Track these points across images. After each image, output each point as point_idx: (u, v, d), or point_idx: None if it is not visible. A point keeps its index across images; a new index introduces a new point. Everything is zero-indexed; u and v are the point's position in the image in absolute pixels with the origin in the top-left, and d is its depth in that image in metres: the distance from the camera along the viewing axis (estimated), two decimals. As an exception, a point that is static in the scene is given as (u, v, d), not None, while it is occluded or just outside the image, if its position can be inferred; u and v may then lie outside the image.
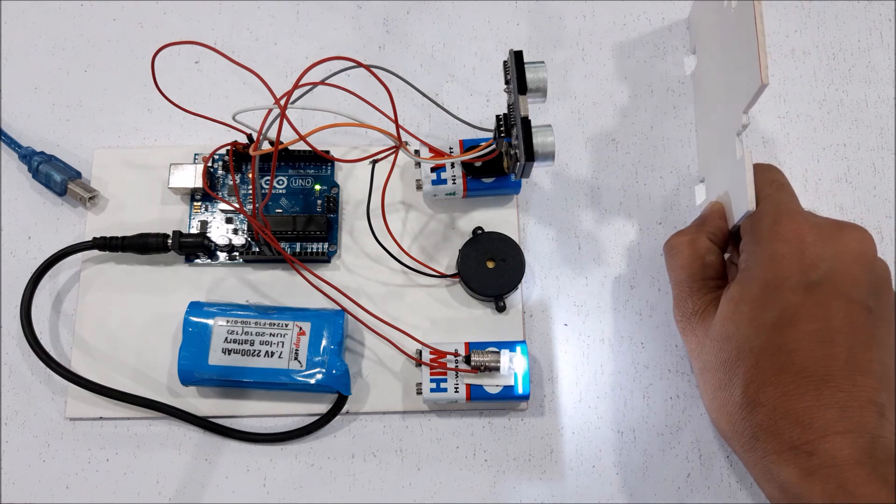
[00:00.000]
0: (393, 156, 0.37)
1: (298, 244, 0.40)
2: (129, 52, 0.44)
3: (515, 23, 0.44)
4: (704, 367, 0.34)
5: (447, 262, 0.40)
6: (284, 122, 0.33)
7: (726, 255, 0.36)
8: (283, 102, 0.32)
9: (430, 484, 0.37)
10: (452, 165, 0.39)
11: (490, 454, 0.38)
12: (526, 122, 0.34)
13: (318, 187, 0.41)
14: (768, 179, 0.33)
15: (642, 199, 0.41)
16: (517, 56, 0.35)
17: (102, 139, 0.42)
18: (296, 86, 0.33)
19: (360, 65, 0.34)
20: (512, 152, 0.35)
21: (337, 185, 0.41)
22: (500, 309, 0.39)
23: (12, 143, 0.42)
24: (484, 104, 0.43)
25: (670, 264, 0.36)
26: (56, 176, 0.40)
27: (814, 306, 0.30)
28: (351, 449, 0.38)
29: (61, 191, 0.40)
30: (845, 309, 0.30)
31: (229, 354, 0.36)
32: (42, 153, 0.41)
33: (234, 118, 0.34)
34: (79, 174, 0.41)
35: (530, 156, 0.33)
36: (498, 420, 0.38)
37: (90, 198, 0.40)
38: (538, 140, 0.34)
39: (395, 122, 0.35)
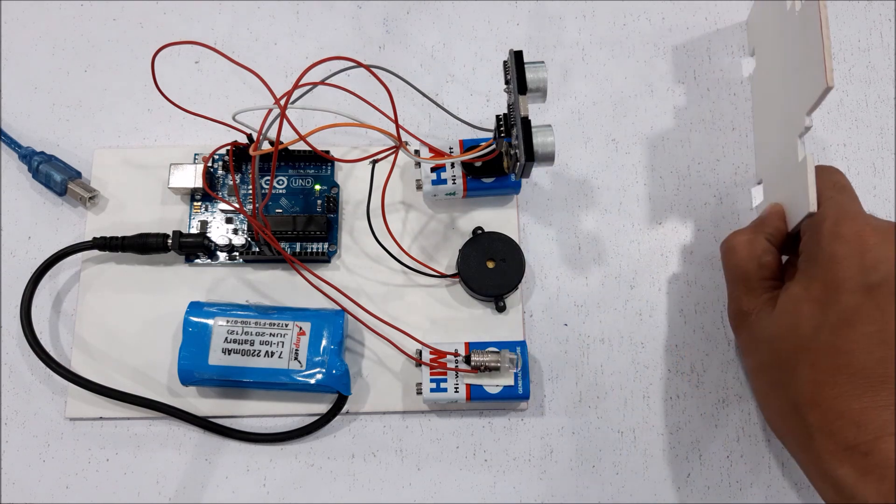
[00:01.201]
0: (393, 156, 0.37)
1: (298, 244, 0.40)
2: (129, 52, 0.44)
3: (515, 23, 0.44)
4: (759, 366, 0.34)
5: (447, 262, 0.40)
6: (284, 122, 0.33)
7: (784, 258, 0.36)
8: (283, 102, 0.32)
9: (430, 484, 0.37)
10: (452, 165, 0.39)
11: (490, 454, 0.38)
12: (526, 122, 0.34)
13: (318, 187, 0.41)
14: (830, 182, 0.34)
15: (642, 199, 0.41)
16: (517, 56, 0.35)
17: (102, 139, 0.42)
18: (296, 86, 0.33)
19: (360, 65, 0.34)
20: (512, 152, 0.35)
21: (337, 185, 0.41)
22: (500, 309, 0.39)
23: (12, 143, 0.42)
24: (484, 104, 0.43)
25: (727, 263, 0.36)
26: (56, 176, 0.40)
27: (873, 308, 0.31)
28: (351, 449, 0.38)
29: (61, 191, 0.40)
30: None
31: (229, 354, 0.36)
32: (42, 153, 0.41)
33: (234, 118, 0.34)
34: (79, 174, 0.41)
35: (530, 156, 0.33)
36: (498, 420, 0.38)
37: (90, 198, 0.40)
38: (538, 140, 0.34)
39: (395, 122, 0.35)
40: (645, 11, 0.45)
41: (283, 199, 0.40)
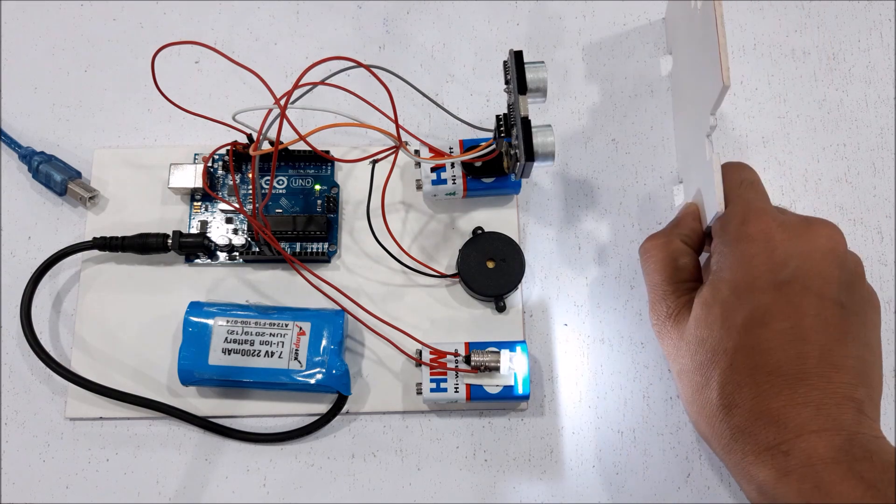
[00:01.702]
0: (393, 156, 0.37)
1: (298, 244, 0.40)
2: (129, 52, 0.44)
3: (515, 23, 0.44)
4: (681, 370, 0.34)
5: (447, 262, 0.40)
6: (285, 122, 0.33)
7: (702, 257, 0.36)
8: (282, 102, 0.32)
9: (430, 484, 0.37)
10: (452, 165, 0.39)
11: (490, 454, 0.38)
12: (526, 122, 0.34)
13: (318, 187, 0.41)
14: (737, 179, 0.33)
15: (642, 199, 0.41)
16: (517, 56, 0.35)
17: (102, 139, 0.42)
18: (296, 86, 0.33)
19: (360, 65, 0.34)
20: (512, 152, 0.35)
21: (337, 185, 0.41)
22: (500, 309, 0.39)
23: (12, 143, 0.42)
24: (484, 104, 0.43)
25: (645, 267, 0.36)
26: (56, 176, 0.40)
27: (785, 305, 0.30)
28: (351, 449, 0.38)
29: (61, 191, 0.40)
30: (816, 306, 0.30)
31: (229, 354, 0.36)
32: (42, 153, 0.41)
33: (234, 118, 0.34)
34: (79, 174, 0.41)
35: (530, 156, 0.33)
36: (498, 420, 0.38)
37: (90, 198, 0.40)
38: (538, 140, 0.34)
39: (395, 122, 0.35)
40: (645, 11, 0.45)
41: (283, 199, 0.40)
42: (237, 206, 0.39)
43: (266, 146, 0.35)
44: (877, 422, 0.30)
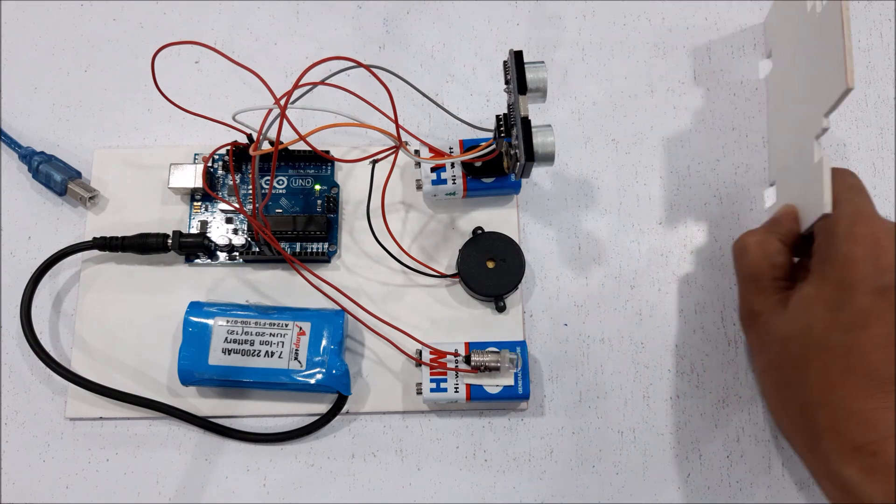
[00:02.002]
0: (393, 156, 0.37)
1: (298, 244, 0.40)
2: (129, 52, 0.44)
3: (515, 23, 0.44)
4: (769, 366, 0.34)
5: (447, 262, 0.40)
6: (285, 122, 0.33)
7: (795, 259, 0.36)
8: (282, 102, 0.32)
9: (430, 484, 0.37)
10: (452, 165, 0.39)
11: (490, 454, 0.38)
12: (526, 122, 0.34)
13: (318, 187, 0.41)
14: (845, 184, 0.34)
15: (642, 199, 0.41)
16: (517, 56, 0.35)
17: (102, 139, 0.42)
18: (296, 86, 0.33)
19: (360, 65, 0.34)
20: (512, 152, 0.35)
21: (337, 185, 0.41)
22: (500, 309, 0.39)
23: (12, 143, 0.42)
24: (484, 104, 0.43)
25: (739, 263, 0.36)
26: (56, 176, 0.40)
27: (886, 310, 0.31)
28: (351, 449, 0.38)
29: (61, 191, 0.40)
30: None
31: (229, 354, 0.36)
32: (42, 153, 0.41)
33: (234, 118, 0.34)
34: (79, 174, 0.41)
35: (530, 156, 0.33)
36: (498, 420, 0.38)
37: (90, 198, 0.40)
38: (538, 140, 0.34)
39: (395, 122, 0.35)
40: (645, 11, 0.45)
41: (283, 199, 0.40)
42: (237, 206, 0.39)
43: (266, 146, 0.35)
44: None
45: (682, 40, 0.44)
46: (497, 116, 0.36)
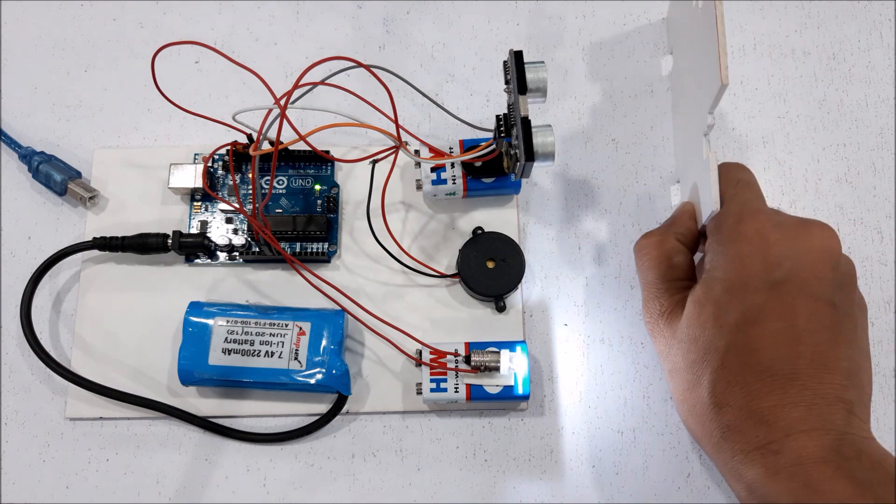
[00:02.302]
0: (393, 156, 0.37)
1: (298, 244, 0.40)
2: (129, 52, 0.44)
3: (515, 23, 0.44)
4: (673, 369, 0.34)
5: (447, 262, 0.40)
6: (285, 121, 0.33)
7: (697, 256, 0.36)
8: (283, 102, 0.32)
9: (430, 484, 0.37)
10: (452, 165, 0.39)
11: (490, 454, 0.38)
12: (526, 122, 0.34)
13: (318, 187, 0.41)
14: (734, 179, 0.33)
15: (642, 199, 0.41)
16: (517, 56, 0.35)
17: (102, 139, 0.42)
18: (296, 86, 0.33)
19: (360, 65, 0.34)
20: (512, 152, 0.35)
21: (337, 185, 0.41)
22: (500, 309, 0.39)
23: (12, 143, 0.42)
24: (484, 104, 0.43)
25: (639, 265, 0.36)
26: (56, 176, 0.40)
27: (778, 305, 0.30)
28: (351, 449, 0.38)
29: (61, 191, 0.40)
30: (810, 307, 0.30)
31: (229, 354, 0.36)
32: (42, 153, 0.41)
33: (234, 118, 0.34)
34: (79, 174, 0.41)
35: (530, 156, 0.33)
36: (498, 420, 0.38)
37: (90, 198, 0.40)
38: (538, 140, 0.34)
39: (396, 122, 0.35)
40: (645, 11, 0.45)
41: (283, 199, 0.40)
42: (237, 206, 0.39)
43: (266, 146, 0.35)
44: (867, 423, 0.30)
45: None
46: (497, 116, 0.36)
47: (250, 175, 0.39)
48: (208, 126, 0.39)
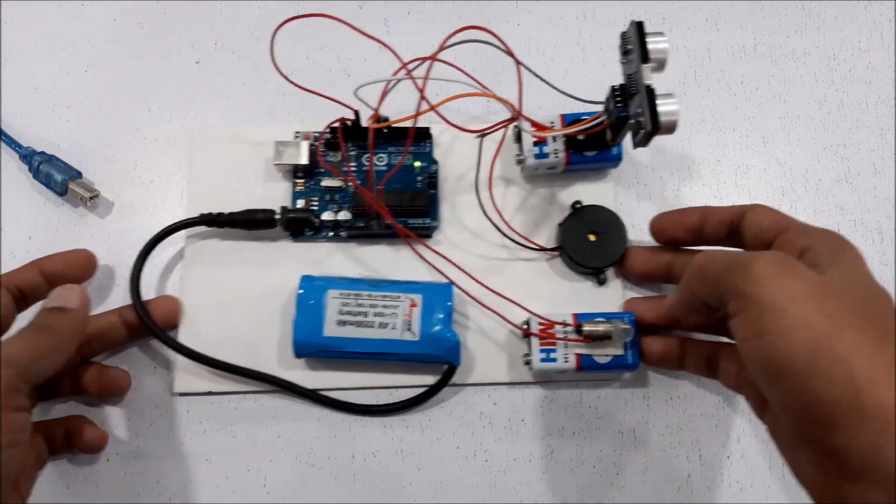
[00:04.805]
0: (503, 131, 0.37)
1: (401, 220, 0.39)
2: (129, 52, 0.44)
3: (516, 23, 0.44)
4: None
5: (546, 235, 0.40)
6: (414, 90, 0.32)
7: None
8: (414, 73, 0.32)
9: (430, 484, 0.37)
10: (554, 139, 0.39)
11: (490, 454, 0.38)
12: (650, 91, 0.33)
13: (417, 164, 0.40)
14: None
15: (642, 199, 0.41)
16: (639, 26, 0.34)
17: (102, 139, 0.42)
18: (433, 57, 0.33)
19: (489, 33, 0.33)
20: (634, 121, 0.34)
21: (436, 162, 0.41)
22: (602, 282, 0.39)
23: (12, 143, 0.42)
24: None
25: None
26: (57, 176, 0.40)
27: None
28: (351, 449, 0.38)
29: (62, 191, 0.40)
30: None
31: (344, 326, 0.36)
32: (42, 153, 0.41)
33: (355, 94, 0.34)
34: (79, 174, 0.41)
35: (656, 124, 0.32)
36: (498, 420, 0.38)
37: (91, 198, 0.40)
38: (663, 108, 0.32)
39: (520, 93, 0.34)
40: (645, 11, 0.44)
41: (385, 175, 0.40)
42: (353, 180, 0.39)
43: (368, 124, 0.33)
44: None
45: (683, 40, 0.44)
46: (613, 87, 0.36)
47: (368, 148, 0.39)
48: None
